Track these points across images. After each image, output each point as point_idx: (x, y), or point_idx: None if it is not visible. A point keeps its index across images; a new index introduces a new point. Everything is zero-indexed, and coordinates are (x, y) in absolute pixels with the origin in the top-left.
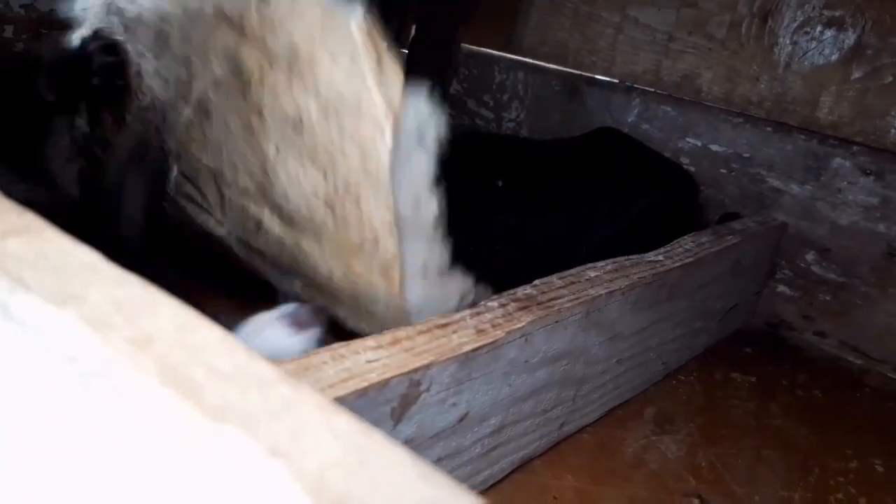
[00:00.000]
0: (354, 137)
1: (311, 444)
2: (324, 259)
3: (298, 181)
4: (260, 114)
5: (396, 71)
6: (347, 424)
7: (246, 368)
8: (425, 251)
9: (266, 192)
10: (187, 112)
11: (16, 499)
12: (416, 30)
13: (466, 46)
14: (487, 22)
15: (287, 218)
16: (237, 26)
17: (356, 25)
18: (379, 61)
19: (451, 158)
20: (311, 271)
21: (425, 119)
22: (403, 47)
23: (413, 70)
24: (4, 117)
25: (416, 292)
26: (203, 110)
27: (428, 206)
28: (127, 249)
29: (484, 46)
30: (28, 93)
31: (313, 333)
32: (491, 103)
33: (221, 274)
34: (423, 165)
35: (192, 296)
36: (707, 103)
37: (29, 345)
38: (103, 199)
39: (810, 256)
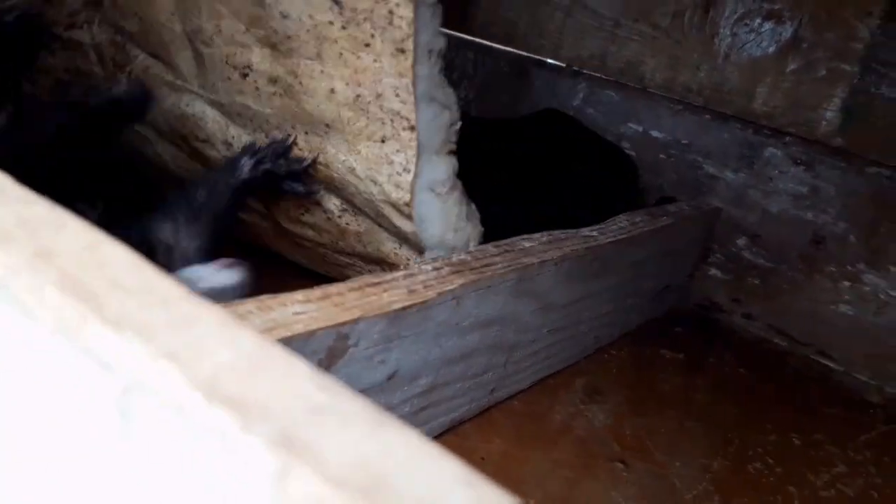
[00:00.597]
0: None
1: (208, 351)
2: (329, 81)
3: None
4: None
5: None
6: (248, 339)
7: (152, 285)
8: (435, 165)
9: (261, 21)
10: None
11: None
12: None
13: None
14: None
15: (284, 46)
16: None
17: None
18: None
19: None
20: (310, 105)
21: (433, 36)
22: None
23: None
24: None
25: (426, 205)
26: None
27: (441, 114)
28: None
29: None
30: None
31: (239, 272)
32: None
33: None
34: (435, 73)
35: None
36: (650, 90)
37: None
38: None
39: (741, 241)
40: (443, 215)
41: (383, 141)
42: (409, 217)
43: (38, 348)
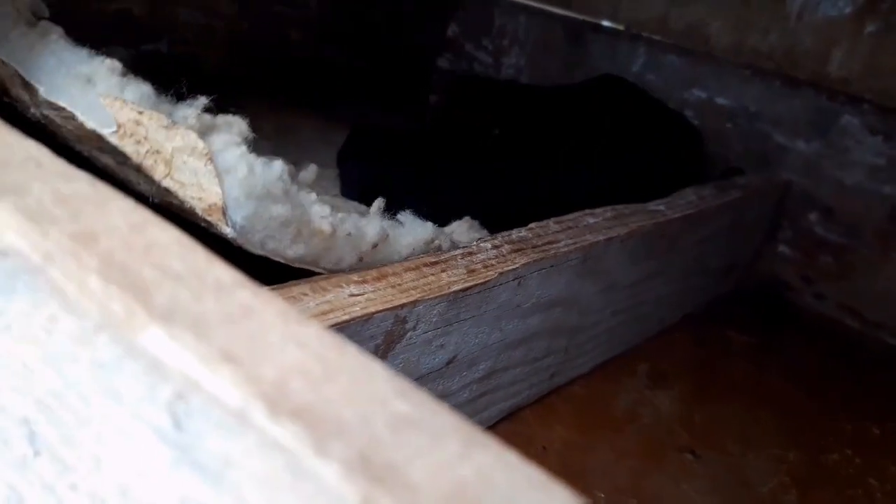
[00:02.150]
0: None
1: (271, 350)
2: None
3: None
4: None
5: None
6: (315, 335)
7: (203, 271)
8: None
9: None
10: None
11: None
12: None
13: None
14: None
15: None
16: None
17: None
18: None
19: (447, 104)
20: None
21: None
22: None
23: None
24: None
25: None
26: None
27: (317, 227)
28: None
29: None
30: None
31: None
32: (490, 47)
33: None
34: (283, 213)
35: None
36: (715, 54)
37: None
38: None
39: (813, 217)
40: None
41: None
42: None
43: (84, 347)
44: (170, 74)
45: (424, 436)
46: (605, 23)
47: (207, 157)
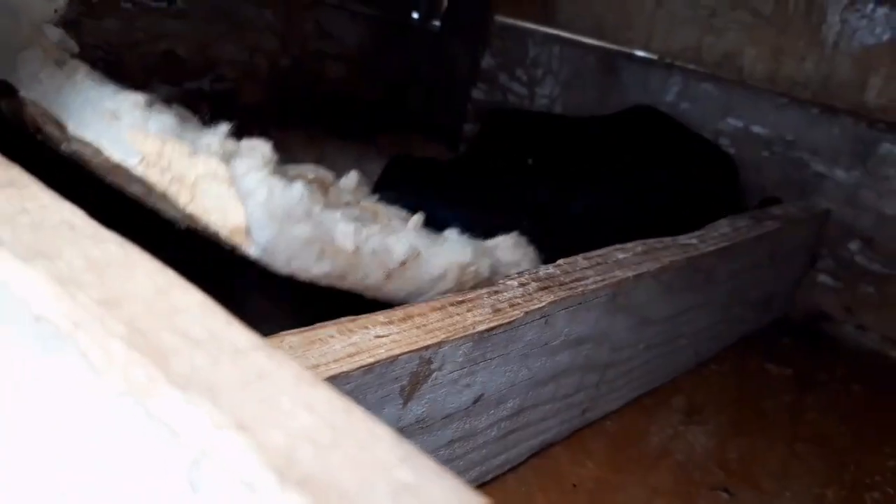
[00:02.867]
0: None
1: (282, 417)
2: None
3: None
4: None
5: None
6: (325, 398)
7: (221, 335)
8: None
9: None
10: None
11: None
12: None
13: (500, 18)
14: None
15: None
16: None
17: None
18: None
19: (482, 135)
20: None
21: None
22: None
23: None
24: None
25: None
26: None
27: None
28: None
29: (518, 19)
30: None
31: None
32: (524, 78)
33: None
34: (304, 232)
35: None
36: (750, 83)
37: None
38: None
39: (854, 246)
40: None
41: None
42: None
43: (106, 410)
44: (211, 110)
45: None
46: (639, 52)
47: (229, 182)
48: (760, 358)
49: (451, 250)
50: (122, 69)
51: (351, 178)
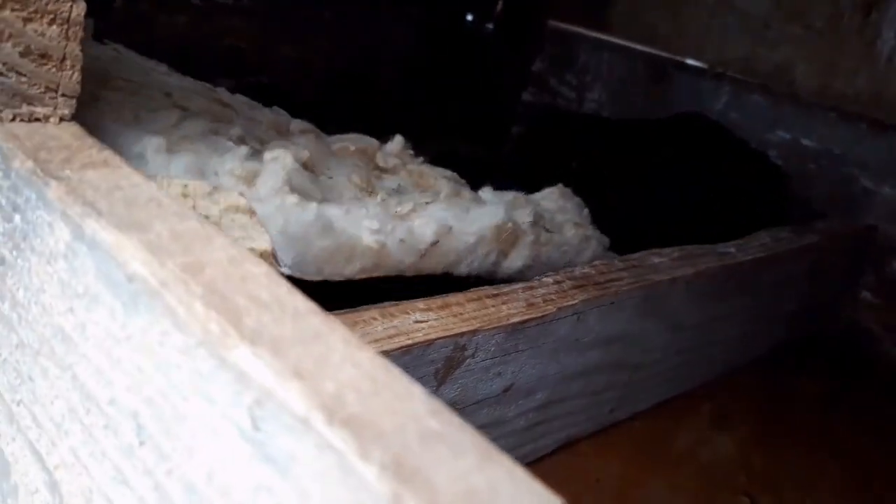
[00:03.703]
0: None
1: (332, 369)
2: None
3: None
4: None
5: None
6: (369, 357)
7: (285, 300)
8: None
9: None
10: None
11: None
12: None
13: (553, 23)
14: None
15: None
16: None
17: None
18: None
19: (529, 135)
20: None
21: None
22: None
23: None
24: None
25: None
26: None
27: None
28: None
29: (570, 24)
30: None
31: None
32: (573, 82)
33: None
34: None
35: None
36: (800, 95)
37: (96, 264)
38: None
39: None
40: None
41: None
42: None
43: (185, 356)
44: (268, 102)
45: (447, 448)
46: (690, 61)
47: (251, 212)
48: (794, 371)
49: (484, 214)
50: (188, 63)
51: (396, 143)
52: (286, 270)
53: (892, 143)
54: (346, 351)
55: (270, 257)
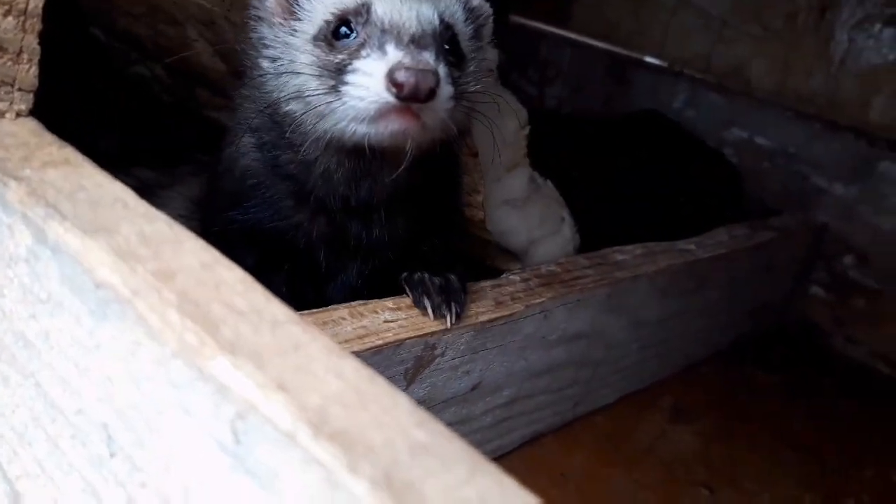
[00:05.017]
0: None
1: (315, 381)
2: None
3: None
4: None
5: None
6: (352, 367)
7: (262, 308)
8: (505, 182)
9: None
10: None
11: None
12: None
13: (515, 18)
14: None
15: None
16: None
17: None
18: None
19: None
20: None
21: None
22: None
23: None
24: None
25: (503, 219)
26: None
27: (505, 128)
28: None
29: (532, 19)
30: None
31: None
32: (535, 78)
33: None
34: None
35: None
36: (756, 95)
37: (60, 270)
38: None
39: (848, 260)
40: (523, 225)
41: None
42: (488, 231)
43: (161, 368)
44: None
45: (437, 460)
46: (649, 59)
47: None
48: (751, 365)
49: None
50: None
51: None
52: None
53: (845, 143)
54: (328, 361)
55: None
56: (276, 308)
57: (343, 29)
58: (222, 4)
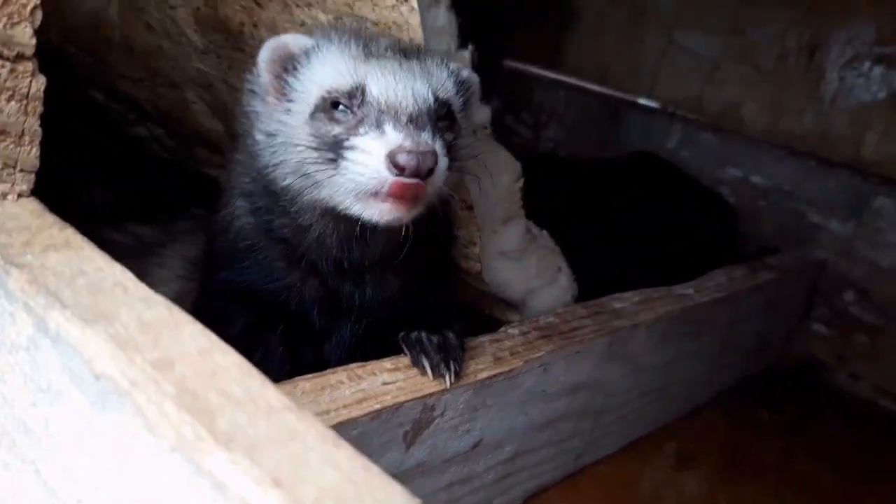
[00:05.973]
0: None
1: (311, 473)
2: None
3: None
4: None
5: None
6: (347, 456)
7: (257, 395)
8: (501, 235)
9: None
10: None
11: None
12: None
13: (508, 63)
14: (531, 39)
15: None
16: None
17: None
18: None
19: None
20: None
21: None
22: None
23: None
24: None
25: (501, 271)
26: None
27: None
28: None
29: (525, 64)
30: None
31: None
32: (529, 121)
33: None
34: (444, 19)
35: None
36: (749, 134)
37: (61, 361)
38: None
39: (848, 296)
40: (520, 277)
41: None
42: (485, 282)
43: (159, 463)
44: None
45: None
46: (642, 100)
47: None
48: (753, 404)
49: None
50: None
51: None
52: None
53: (839, 180)
54: (323, 450)
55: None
56: (270, 394)
57: (340, 105)
58: (220, 68)
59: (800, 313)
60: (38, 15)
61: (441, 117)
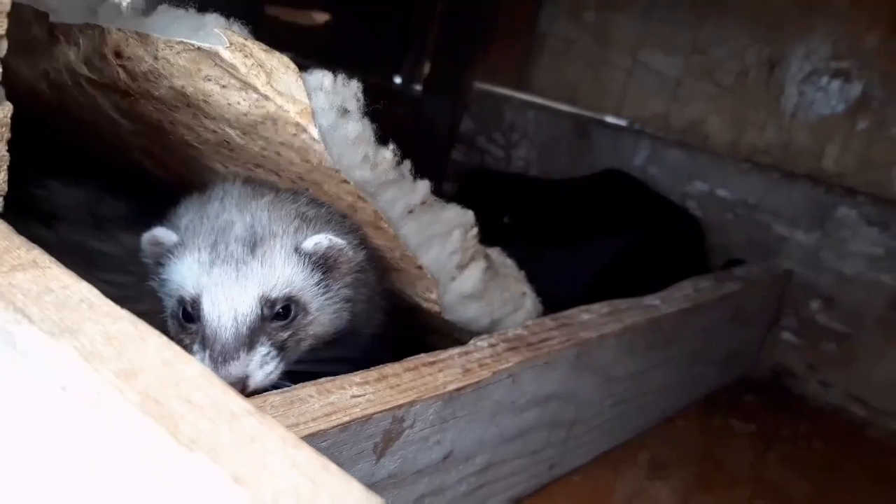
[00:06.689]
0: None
1: (271, 472)
2: None
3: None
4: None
5: (285, 64)
6: (306, 457)
7: (219, 401)
8: (457, 284)
9: None
10: None
11: None
12: None
13: (478, 84)
14: (500, 61)
15: None
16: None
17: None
18: (260, 65)
19: (460, 195)
20: None
21: (340, 92)
22: None
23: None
24: None
25: (462, 310)
26: None
27: (447, 241)
28: None
29: (496, 85)
30: None
31: None
32: (501, 141)
33: None
34: (355, 130)
35: None
36: (714, 149)
37: (29, 373)
38: None
39: (815, 305)
40: (484, 311)
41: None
42: (449, 321)
43: (125, 470)
44: None
45: None
46: (609, 119)
47: (297, 73)
48: (725, 414)
49: (457, 211)
50: None
51: None
52: (316, 134)
53: (803, 191)
54: (283, 451)
55: (309, 116)
56: (232, 401)
57: (189, 311)
58: (155, 140)
59: (769, 323)
60: (4, 45)
61: (276, 315)
